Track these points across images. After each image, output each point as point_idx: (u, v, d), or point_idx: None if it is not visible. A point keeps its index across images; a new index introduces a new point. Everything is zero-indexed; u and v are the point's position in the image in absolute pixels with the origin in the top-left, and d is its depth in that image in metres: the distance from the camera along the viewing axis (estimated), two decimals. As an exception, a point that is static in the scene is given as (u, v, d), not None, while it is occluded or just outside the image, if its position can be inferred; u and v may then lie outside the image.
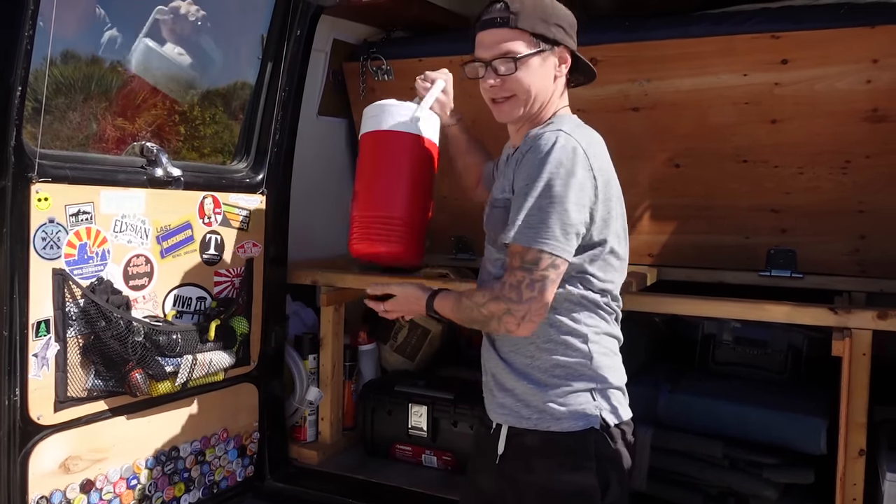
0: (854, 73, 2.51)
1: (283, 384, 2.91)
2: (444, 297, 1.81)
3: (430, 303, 1.82)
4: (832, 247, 2.88)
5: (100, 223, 2.15)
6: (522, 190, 1.63)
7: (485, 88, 1.74)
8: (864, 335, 2.20)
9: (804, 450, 2.42)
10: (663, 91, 2.72)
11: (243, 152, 2.73)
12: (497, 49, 1.68)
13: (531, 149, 1.65)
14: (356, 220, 2.12)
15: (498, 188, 1.80)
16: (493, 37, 1.69)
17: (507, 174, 1.75)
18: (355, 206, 2.15)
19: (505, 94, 1.71)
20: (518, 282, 1.60)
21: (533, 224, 1.59)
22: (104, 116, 8.15)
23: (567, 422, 1.67)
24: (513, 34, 1.67)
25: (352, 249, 2.17)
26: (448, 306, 1.79)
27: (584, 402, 1.68)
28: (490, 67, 1.70)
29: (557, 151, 1.61)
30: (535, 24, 1.68)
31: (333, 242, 3.58)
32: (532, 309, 1.60)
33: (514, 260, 1.62)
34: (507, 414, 1.74)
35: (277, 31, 2.67)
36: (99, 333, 2.11)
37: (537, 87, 1.71)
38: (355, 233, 2.12)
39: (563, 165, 1.60)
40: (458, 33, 3.22)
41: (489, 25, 1.70)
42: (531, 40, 1.68)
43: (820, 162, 2.71)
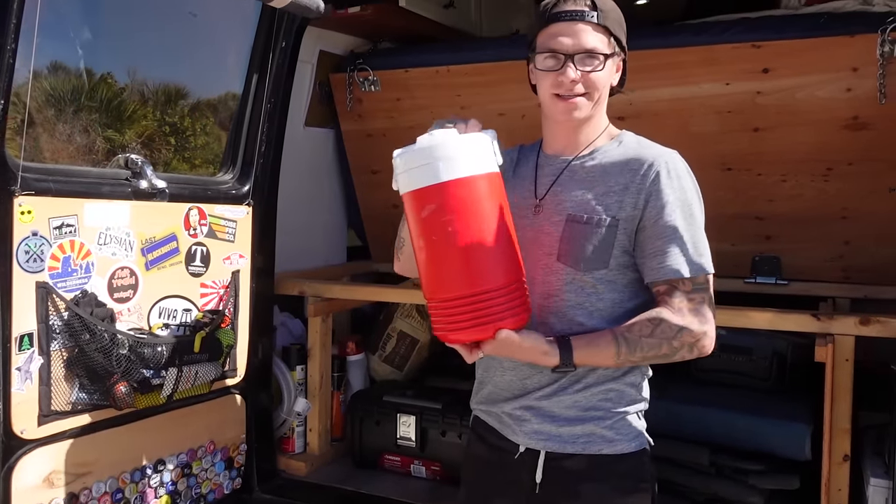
0: (834, 82, 2.54)
1: (270, 395, 2.90)
2: (588, 344, 1.54)
3: (566, 356, 1.53)
4: (816, 253, 2.91)
5: (84, 236, 2.14)
6: (674, 214, 1.55)
7: (558, 82, 1.59)
8: (847, 341, 2.22)
9: (789, 456, 2.43)
10: (647, 100, 2.74)
11: (229, 163, 2.73)
12: (582, 43, 1.57)
13: (667, 170, 1.57)
14: (460, 303, 1.49)
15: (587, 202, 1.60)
16: (578, 30, 1.57)
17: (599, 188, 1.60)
18: (449, 285, 1.51)
19: (581, 91, 1.59)
20: (700, 303, 1.55)
21: (702, 251, 1.57)
22: (93, 128, 8.01)
23: (621, 444, 1.61)
24: (598, 31, 1.58)
25: (456, 338, 1.54)
26: (604, 353, 1.54)
27: (633, 422, 1.63)
28: (571, 61, 1.57)
29: (689, 173, 1.60)
30: (615, 27, 1.61)
31: (321, 252, 3.60)
32: (714, 326, 1.57)
33: (681, 285, 1.55)
34: (547, 439, 1.62)
35: (262, 43, 2.68)
36: (83, 346, 2.10)
37: (605, 90, 1.64)
38: (466, 318, 1.49)
39: (697, 186, 1.61)
40: (445, 44, 3.26)
41: (574, 18, 1.58)
42: (610, 42, 1.61)
43: (802, 170, 2.73)
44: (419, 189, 1.49)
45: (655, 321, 1.53)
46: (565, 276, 1.59)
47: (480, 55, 3.02)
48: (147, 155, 8.60)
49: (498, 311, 1.47)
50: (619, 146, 1.65)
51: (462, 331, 1.50)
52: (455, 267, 1.49)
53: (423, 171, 1.49)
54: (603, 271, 1.58)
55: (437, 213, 1.48)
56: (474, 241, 1.48)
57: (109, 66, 7.12)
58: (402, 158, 1.54)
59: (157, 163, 8.08)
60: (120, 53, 5.07)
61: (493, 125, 3.32)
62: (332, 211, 3.69)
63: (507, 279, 1.49)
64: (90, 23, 3.82)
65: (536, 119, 3.15)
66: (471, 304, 1.47)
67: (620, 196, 1.57)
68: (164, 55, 4.61)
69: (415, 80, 3.16)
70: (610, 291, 1.59)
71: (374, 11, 2.99)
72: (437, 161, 1.48)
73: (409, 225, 1.55)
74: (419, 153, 1.50)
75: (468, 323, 1.48)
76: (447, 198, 1.47)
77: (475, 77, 3.03)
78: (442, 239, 1.48)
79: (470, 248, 1.48)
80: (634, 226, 1.57)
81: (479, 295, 1.47)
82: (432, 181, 1.48)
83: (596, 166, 1.63)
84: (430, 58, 3.12)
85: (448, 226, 1.47)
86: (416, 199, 1.50)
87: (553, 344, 1.53)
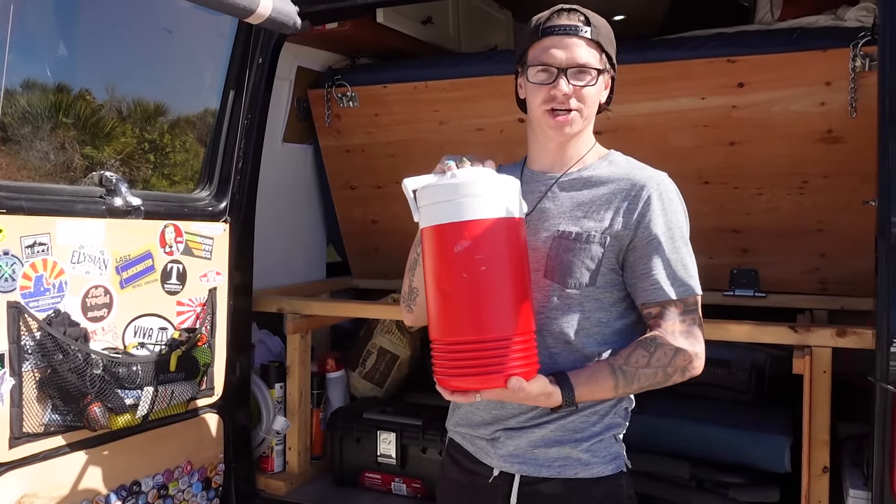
0: (808, 96, 2.57)
1: (249, 414, 2.87)
2: (587, 381, 1.52)
3: (568, 396, 1.50)
4: (793, 266, 2.93)
5: (57, 254, 2.11)
6: (666, 237, 1.56)
7: (551, 96, 1.57)
8: (824, 353, 2.23)
9: (769, 468, 2.44)
10: (625, 115, 2.76)
11: (206, 180, 2.71)
12: (575, 58, 1.56)
13: (660, 192, 1.58)
14: (467, 349, 1.42)
15: (575, 219, 1.60)
16: (571, 44, 1.57)
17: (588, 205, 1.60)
18: (458, 328, 1.45)
19: (572, 106, 1.58)
20: (690, 325, 1.56)
21: (691, 273, 1.58)
22: (71, 145, 7.96)
23: (597, 467, 1.58)
24: (591, 46, 1.58)
25: (462, 385, 1.46)
26: (603, 388, 1.53)
27: (609, 445, 1.61)
28: (564, 75, 1.56)
29: (678, 195, 1.61)
30: (607, 43, 1.61)
31: (300, 269, 3.58)
32: (704, 346, 1.58)
33: (672, 307, 1.55)
34: (521, 463, 1.60)
35: (239, 59, 2.67)
36: (56, 367, 2.07)
37: (594, 107, 1.63)
38: (477, 364, 1.42)
39: (685, 209, 1.62)
40: (423, 60, 3.27)
41: (567, 32, 1.57)
42: (602, 58, 1.60)
43: (778, 183, 2.76)
44: (455, 223, 1.42)
45: (650, 349, 1.53)
46: (552, 292, 1.58)
47: (458, 71, 3.03)
48: (126, 172, 8.55)
49: (510, 361, 1.41)
50: (609, 165, 1.64)
51: (469, 377, 1.43)
52: (475, 309, 1.42)
53: (464, 203, 1.42)
54: (590, 289, 1.57)
55: (471, 250, 1.41)
56: (502, 285, 1.43)
57: (86, 83, 7.09)
58: (437, 189, 1.46)
59: (136, 180, 8.03)
60: (97, 70, 5.04)
61: (471, 141, 3.36)
62: (311, 227, 3.67)
63: (525, 329, 1.44)
64: (66, 39, 3.79)
65: (514, 134, 3.15)
66: (482, 349, 1.41)
67: (610, 215, 1.57)
68: (143, 72, 4.58)
69: (393, 95, 3.16)
70: (596, 310, 1.58)
71: (352, 27, 2.99)
72: (481, 197, 1.43)
73: (431, 260, 1.47)
74: (460, 186, 1.44)
75: (477, 370, 1.42)
76: (485, 236, 1.42)
77: (453, 93, 3.04)
78: (472, 277, 1.41)
79: (496, 292, 1.42)
80: (623, 245, 1.57)
81: (493, 342, 1.41)
82: (474, 216, 1.42)
83: (585, 183, 1.63)
84: (409, 73, 3.12)
85: (482, 265, 1.41)
86: (449, 233, 1.43)
87: (555, 384, 1.50)
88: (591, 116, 1.64)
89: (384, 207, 3.48)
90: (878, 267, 1.98)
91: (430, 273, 1.48)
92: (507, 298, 1.43)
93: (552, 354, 1.57)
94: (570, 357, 1.57)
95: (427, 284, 1.50)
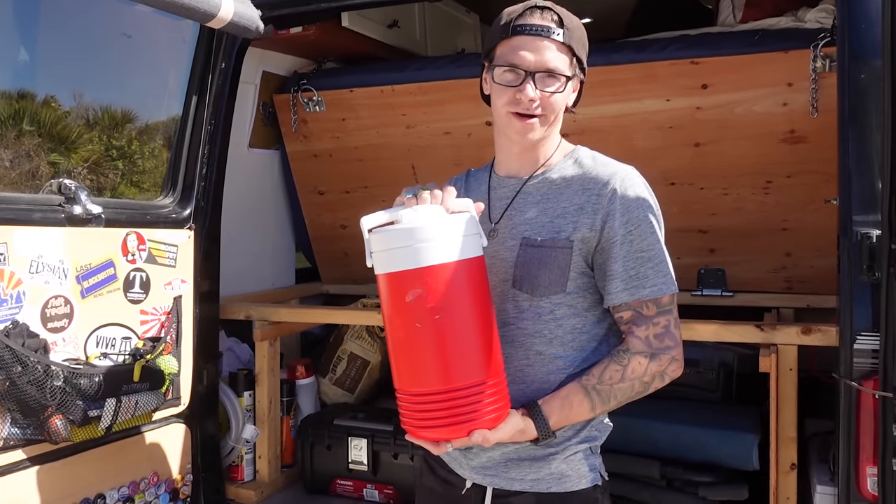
0: (771, 97, 2.59)
1: (217, 423, 2.82)
2: (561, 408, 1.48)
3: (543, 428, 1.46)
4: (760, 265, 2.96)
5: (14, 264, 2.07)
6: (634, 235, 1.49)
7: (516, 99, 1.50)
8: (790, 350, 2.25)
9: (738, 466, 2.46)
10: (591, 117, 2.77)
11: (169, 187, 2.67)
12: (544, 62, 1.49)
13: (624, 188, 1.50)
14: (438, 398, 1.37)
15: (541, 225, 1.54)
16: (541, 47, 1.49)
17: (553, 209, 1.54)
18: (418, 379, 1.39)
19: (540, 111, 1.51)
20: (665, 327, 1.49)
21: (664, 271, 1.50)
22: (37, 153, 7.86)
23: (571, 481, 1.53)
24: (562, 51, 1.50)
25: (428, 436, 1.43)
26: (578, 412, 1.48)
27: (585, 458, 1.55)
28: (531, 78, 1.49)
29: (647, 189, 1.54)
30: (579, 47, 1.53)
31: (268, 275, 3.54)
32: (682, 347, 1.51)
33: (645, 309, 1.48)
34: (494, 475, 1.56)
35: (202, 64, 2.63)
36: (14, 379, 2.01)
37: (561, 112, 1.56)
38: (442, 416, 1.37)
39: (655, 202, 1.54)
40: (389, 63, 3.26)
41: (539, 33, 1.49)
42: (573, 63, 1.53)
43: (743, 183, 2.78)
44: (404, 272, 1.36)
45: (623, 362, 1.48)
46: (522, 302, 1.53)
47: (425, 74, 3.02)
48: (94, 180, 8.41)
49: (478, 409, 1.36)
50: (573, 164, 1.58)
51: (436, 429, 1.39)
52: (437, 359, 1.36)
53: (411, 251, 1.35)
54: (560, 295, 1.51)
55: (423, 299, 1.34)
56: (462, 332, 1.37)
57: (51, 90, 6.97)
58: (384, 236, 1.39)
59: (104, 187, 7.92)
60: (61, 77, 4.96)
61: (439, 144, 3.35)
62: (280, 233, 3.64)
63: (491, 374, 1.38)
64: (29, 46, 3.72)
65: (482, 137, 3.15)
66: (450, 399, 1.35)
67: (575, 216, 1.51)
68: (108, 79, 4.53)
69: (360, 100, 3.14)
70: (570, 317, 1.52)
71: (317, 32, 2.97)
72: (428, 243, 1.35)
73: (385, 309, 1.42)
74: (407, 233, 1.36)
75: (444, 421, 1.36)
76: (438, 282, 1.34)
77: (420, 96, 3.03)
78: (426, 327, 1.35)
79: (457, 339, 1.36)
80: (591, 247, 1.51)
81: (461, 391, 1.35)
82: (422, 263, 1.34)
83: (551, 186, 1.57)
84: (375, 77, 3.11)
85: (435, 313, 1.34)
86: (400, 282, 1.36)
87: (527, 417, 1.45)
88: (558, 122, 1.58)
89: (353, 212, 3.41)
90: (840, 264, 2.00)
91: (386, 322, 1.42)
92: (467, 345, 1.37)
93: (525, 366, 1.52)
94: (544, 368, 1.52)
95: (386, 332, 1.45)
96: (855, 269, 1.93)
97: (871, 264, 1.88)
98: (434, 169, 3.19)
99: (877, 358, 1.89)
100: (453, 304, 1.36)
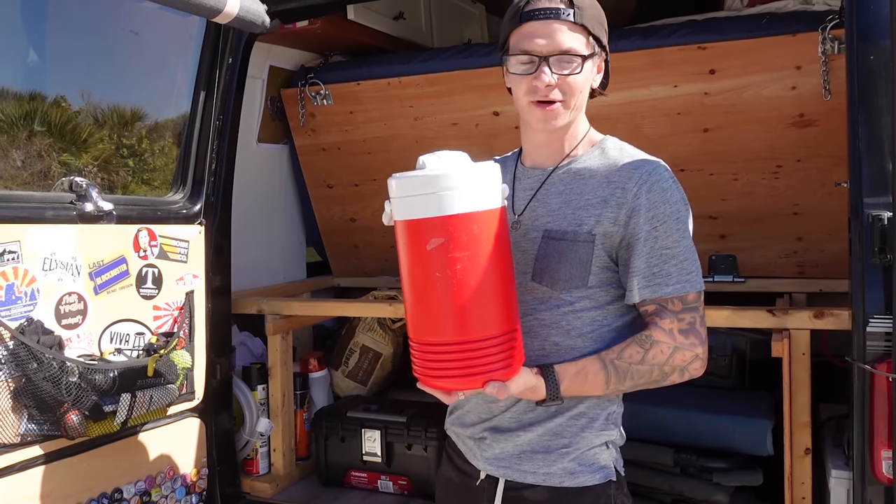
0: (779, 80, 2.58)
1: (231, 417, 2.84)
2: (575, 375, 1.45)
3: (553, 390, 1.44)
4: (771, 250, 2.95)
5: (27, 262, 2.08)
6: (662, 232, 1.45)
7: (533, 87, 1.46)
8: (802, 335, 2.24)
9: (752, 451, 2.45)
10: (598, 105, 2.71)
11: (179, 183, 2.68)
12: (557, 44, 1.44)
13: (651, 183, 1.46)
14: (453, 349, 1.36)
15: (564, 217, 1.51)
16: (553, 29, 1.44)
17: (576, 201, 1.51)
18: (435, 329, 1.38)
19: (559, 96, 1.47)
20: (690, 323, 1.46)
21: (689, 269, 1.46)
22: (48, 153, 7.87)
23: (584, 475, 1.51)
24: (576, 31, 1.45)
25: (441, 385, 1.42)
26: (592, 382, 1.46)
27: (598, 453, 1.53)
28: (546, 63, 1.44)
29: (675, 183, 1.49)
30: (594, 25, 1.48)
31: (279, 269, 3.56)
32: (707, 346, 1.49)
33: (670, 305, 1.46)
34: (507, 468, 1.55)
35: (209, 60, 2.64)
36: (30, 376, 2.03)
37: (582, 95, 1.50)
38: (456, 367, 1.36)
39: (685, 199, 1.50)
40: (396, 55, 3.26)
41: (548, 16, 1.45)
42: (589, 42, 1.47)
43: (753, 168, 2.77)
44: (426, 219, 1.32)
45: (645, 345, 1.46)
46: (541, 294, 1.50)
47: (432, 66, 3.02)
48: (105, 178, 8.46)
49: (492, 362, 1.35)
50: (600, 154, 1.54)
51: (449, 379, 1.38)
52: (454, 309, 1.34)
53: (433, 198, 1.31)
54: (581, 290, 1.49)
55: (444, 248, 1.31)
56: (481, 283, 1.33)
57: (61, 90, 7.00)
58: (406, 182, 1.35)
59: (115, 185, 7.95)
60: (70, 77, 4.98)
61: (447, 135, 3.34)
62: (290, 227, 3.65)
63: (506, 327, 1.37)
64: (38, 46, 3.74)
65: (490, 128, 3.16)
66: (465, 351, 1.34)
67: (599, 209, 1.47)
68: (117, 77, 4.54)
69: (367, 92, 3.15)
70: (590, 309, 1.50)
71: (323, 25, 2.97)
72: (451, 190, 1.31)
73: (404, 258, 1.38)
74: (430, 179, 1.32)
75: (458, 371, 1.36)
76: (460, 232, 1.31)
77: (427, 88, 3.03)
78: (448, 277, 1.31)
79: (476, 290, 1.33)
80: (615, 242, 1.47)
81: (476, 342, 1.34)
82: (445, 212, 1.31)
83: (575, 177, 1.53)
84: (382, 70, 3.11)
85: (457, 263, 1.31)
86: (420, 230, 1.33)
87: (539, 376, 1.44)
88: (581, 106, 1.53)
89: (362, 205, 3.47)
90: (852, 248, 1.99)
91: (404, 271, 1.39)
92: (487, 297, 1.35)
93: (540, 357, 1.50)
94: (559, 358, 1.50)
95: (402, 282, 1.41)
96: (866, 251, 1.92)
97: (882, 247, 1.88)
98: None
99: (890, 340, 1.89)
100: (475, 255, 1.33)
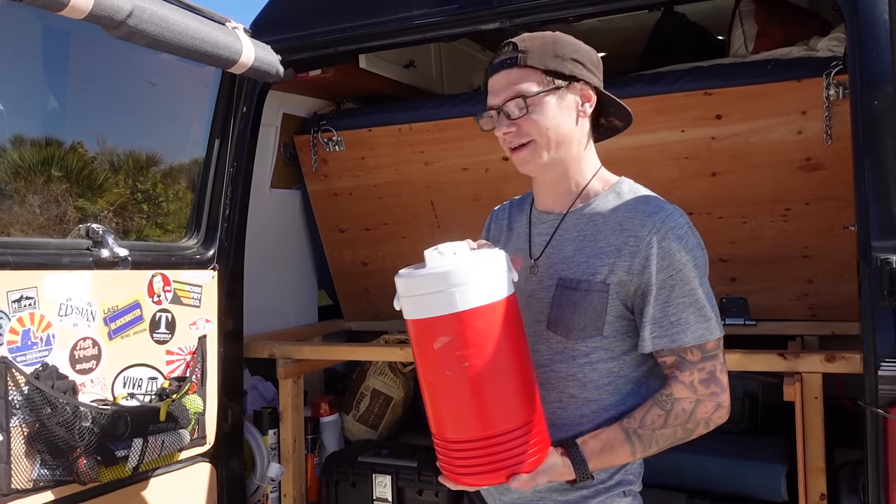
0: (785, 125, 2.61)
1: (242, 462, 2.84)
2: (601, 452, 1.43)
3: (582, 470, 1.42)
4: (782, 293, 2.94)
5: (44, 308, 2.11)
6: (678, 280, 1.42)
7: (500, 139, 1.53)
8: (815, 378, 2.23)
9: (765, 497, 2.42)
10: (607, 150, 2.76)
11: (193, 228, 2.72)
12: (507, 92, 1.48)
13: (664, 231, 1.42)
14: (475, 446, 1.33)
15: (578, 265, 1.49)
16: (502, 80, 1.50)
17: (590, 249, 1.49)
18: (462, 426, 1.35)
19: (521, 139, 1.49)
20: (710, 372, 1.44)
21: (707, 315, 1.44)
22: (65, 198, 8.00)
23: None
24: (522, 74, 1.48)
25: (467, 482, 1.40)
26: (619, 455, 1.44)
27: (616, 498, 1.51)
28: (502, 113, 1.50)
29: (691, 230, 1.46)
30: (546, 61, 1.48)
31: (291, 313, 3.58)
32: (729, 391, 1.47)
33: (689, 354, 1.43)
34: None
35: (224, 108, 2.70)
36: (44, 421, 2.05)
37: (557, 131, 1.49)
38: (481, 463, 1.34)
39: (702, 244, 1.47)
40: (406, 102, 3.32)
41: (498, 69, 1.51)
42: (544, 79, 1.48)
43: (761, 211, 2.78)
44: (429, 318, 1.31)
45: (667, 406, 1.43)
46: (556, 345, 1.49)
47: (442, 112, 3.07)
48: (120, 223, 8.54)
49: (516, 455, 1.32)
50: (615, 197, 1.53)
51: (475, 476, 1.35)
52: (470, 406, 1.32)
53: (435, 298, 1.30)
54: (597, 339, 1.46)
55: (451, 346, 1.29)
56: (493, 377, 1.31)
57: (77, 136, 7.13)
58: (408, 282, 1.35)
59: (130, 230, 8.04)
60: (87, 124, 5.08)
61: (457, 180, 3.37)
62: (302, 271, 3.68)
63: (527, 417, 1.33)
64: (56, 94, 3.84)
65: (500, 172, 3.19)
66: (487, 447, 1.31)
67: (612, 258, 1.45)
68: (132, 124, 4.62)
69: (378, 138, 3.20)
70: (606, 360, 1.47)
71: (336, 74, 3.04)
72: (452, 288, 1.29)
73: (416, 355, 1.38)
74: (430, 279, 1.31)
75: (483, 468, 1.33)
76: (464, 329, 1.29)
77: (437, 133, 3.08)
78: (457, 375, 1.30)
79: (489, 386, 1.31)
80: (630, 291, 1.45)
81: (497, 437, 1.31)
82: (447, 310, 1.29)
83: (588, 223, 1.52)
84: (393, 116, 3.16)
85: (464, 360, 1.29)
86: (426, 329, 1.32)
87: (565, 457, 1.42)
88: (562, 142, 1.50)
89: (374, 249, 3.50)
90: (861, 291, 1.99)
91: (417, 368, 1.39)
92: (500, 390, 1.32)
93: (557, 409, 1.49)
94: (577, 412, 1.48)
95: (418, 376, 1.40)
96: (876, 295, 1.92)
97: (891, 290, 1.88)
98: (452, 204, 3.23)
99: (902, 384, 1.87)
100: (483, 350, 1.30)
